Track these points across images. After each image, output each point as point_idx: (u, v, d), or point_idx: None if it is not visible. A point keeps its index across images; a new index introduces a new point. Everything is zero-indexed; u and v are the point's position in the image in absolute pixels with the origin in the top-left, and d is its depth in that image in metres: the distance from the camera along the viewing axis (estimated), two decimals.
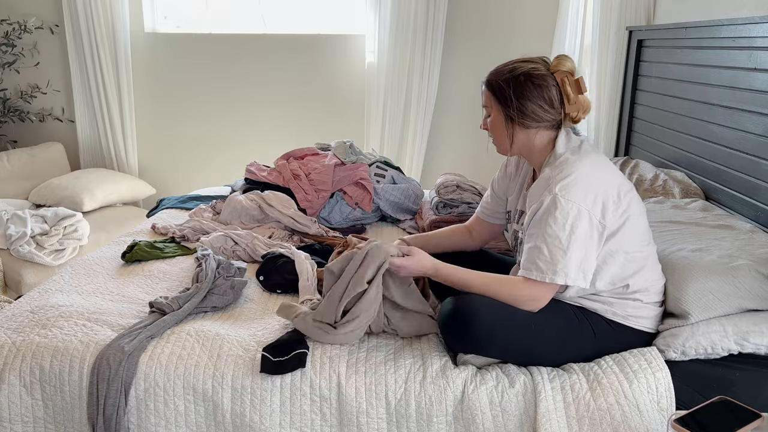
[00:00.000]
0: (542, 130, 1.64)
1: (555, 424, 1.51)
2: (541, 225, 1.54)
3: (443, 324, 1.60)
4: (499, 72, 1.65)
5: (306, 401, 1.55)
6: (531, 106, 1.61)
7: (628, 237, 1.58)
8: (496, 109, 1.66)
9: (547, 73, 1.61)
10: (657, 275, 1.66)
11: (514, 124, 1.64)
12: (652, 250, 1.66)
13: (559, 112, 1.62)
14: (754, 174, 2.09)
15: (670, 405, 1.52)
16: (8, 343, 1.65)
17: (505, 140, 1.67)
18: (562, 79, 1.60)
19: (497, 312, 1.56)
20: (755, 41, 2.08)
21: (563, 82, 1.60)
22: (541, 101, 1.60)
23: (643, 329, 1.64)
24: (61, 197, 3.60)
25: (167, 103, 4.17)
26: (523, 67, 1.62)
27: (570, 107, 1.61)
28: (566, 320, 1.61)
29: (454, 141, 4.13)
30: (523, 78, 1.60)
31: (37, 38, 4.05)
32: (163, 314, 1.76)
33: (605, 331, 1.62)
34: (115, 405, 1.55)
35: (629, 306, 1.62)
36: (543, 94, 1.60)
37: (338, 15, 4.06)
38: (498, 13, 3.91)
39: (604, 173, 1.57)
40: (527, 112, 1.61)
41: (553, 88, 1.60)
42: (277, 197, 2.61)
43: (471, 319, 1.54)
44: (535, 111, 1.61)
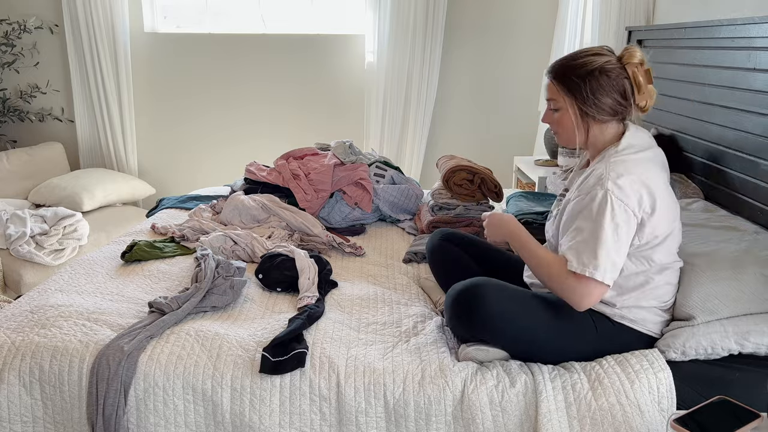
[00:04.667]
0: (613, 122, 1.64)
1: (556, 423, 1.50)
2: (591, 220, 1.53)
3: (450, 307, 1.62)
4: (570, 67, 1.62)
5: (305, 401, 1.55)
6: (607, 101, 1.60)
7: (660, 248, 1.59)
8: (568, 104, 1.63)
9: (620, 65, 1.60)
10: (674, 287, 1.67)
11: (589, 118, 1.63)
12: (675, 267, 1.66)
13: (630, 104, 1.62)
14: (754, 174, 2.09)
15: (671, 405, 1.52)
16: (8, 343, 1.65)
17: (578, 135, 1.65)
18: (633, 70, 1.60)
19: (503, 296, 1.58)
20: (754, 41, 2.08)
21: (635, 74, 1.60)
22: (617, 95, 1.60)
23: (649, 333, 1.65)
24: (60, 197, 3.60)
25: (167, 102, 4.17)
26: (596, 61, 1.60)
27: (640, 97, 1.61)
28: (570, 312, 1.62)
29: (454, 141, 4.13)
30: (598, 73, 1.59)
31: (36, 38, 4.05)
32: (163, 314, 1.76)
33: (608, 330, 1.62)
34: (114, 405, 1.55)
35: (640, 311, 1.63)
36: (617, 87, 1.60)
37: (338, 15, 4.06)
38: (497, 13, 3.91)
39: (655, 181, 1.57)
40: (603, 106, 1.60)
41: (625, 80, 1.60)
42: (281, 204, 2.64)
43: (477, 302, 1.56)
44: (610, 105, 1.61)
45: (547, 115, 1.70)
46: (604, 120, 1.63)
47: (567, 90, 1.62)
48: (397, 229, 2.72)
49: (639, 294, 1.62)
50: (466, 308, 1.59)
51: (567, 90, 1.62)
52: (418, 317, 1.83)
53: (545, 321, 1.59)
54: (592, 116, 1.62)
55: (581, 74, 1.60)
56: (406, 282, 2.11)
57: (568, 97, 1.63)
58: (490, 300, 1.56)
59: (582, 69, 1.60)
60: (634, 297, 1.62)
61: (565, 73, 1.62)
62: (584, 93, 1.60)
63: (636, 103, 1.62)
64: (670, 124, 2.73)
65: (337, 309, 1.89)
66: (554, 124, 1.69)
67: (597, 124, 1.64)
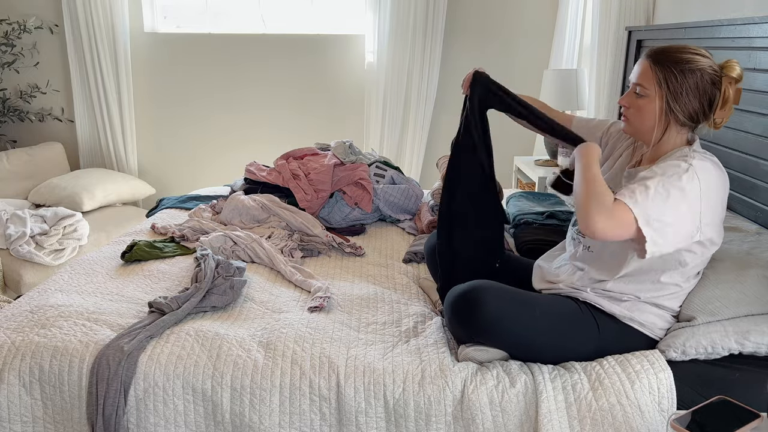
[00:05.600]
0: (685, 129, 1.60)
1: (556, 424, 1.50)
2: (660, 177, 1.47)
3: (449, 310, 1.62)
4: (675, 59, 1.54)
5: (305, 401, 1.55)
6: (695, 104, 1.55)
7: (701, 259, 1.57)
8: (657, 95, 1.56)
9: (718, 75, 1.55)
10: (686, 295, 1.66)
11: (672, 115, 1.56)
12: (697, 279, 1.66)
13: (710, 116, 1.57)
14: (754, 174, 2.09)
15: (671, 406, 1.52)
16: (8, 343, 1.65)
17: (658, 129, 1.58)
18: (727, 84, 1.55)
19: (503, 299, 1.58)
20: (754, 41, 2.08)
21: (727, 88, 1.55)
22: (706, 102, 1.55)
23: (653, 336, 1.64)
24: (60, 197, 3.60)
25: (167, 102, 4.17)
26: (702, 62, 1.53)
27: (720, 113, 1.57)
28: (571, 311, 1.62)
29: None
30: (700, 74, 1.53)
31: (36, 38, 4.05)
32: (163, 314, 1.76)
33: (611, 331, 1.62)
34: (114, 405, 1.55)
35: (651, 314, 1.62)
36: (708, 95, 1.55)
37: (338, 15, 4.06)
38: (497, 14, 3.91)
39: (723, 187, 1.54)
40: (689, 108, 1.55)
41: (717, 91, 1.55)
42: (281, 204, 2.63)
43: (476, 305, 1.56)
44: (696, 110, 1.55)
45: (628, 97, 1.61)
46: (683, 122, 1.57)
47: (664, 79, 1.55)
48: (397, 229, 2.72)
49: (664, 292, 1.60)
50: (465, 311, 1.58)
51: (664, 79, 1.55)
52: (418, 317, 1.83)
53: (546, 324, 1.59)
54: (675, 114, 1.56)
55: (683, 69, 1.54)
56: (406, 282, 2.11)
57: (662, 87, 1.56)
58: (490, 303, 1.56)
59: (686, 65, 1.53)
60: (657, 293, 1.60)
61: (668, 62, 1.54)
62: (679, 89, 1.54)
63: (713, 118, 1.57)
64: None
65: (337, 309, 1.89)
66: (632, 108, 1.60)
67: (676, 125, 1.58)
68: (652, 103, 1.57)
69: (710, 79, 1.54)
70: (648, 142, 1.63)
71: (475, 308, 1.56)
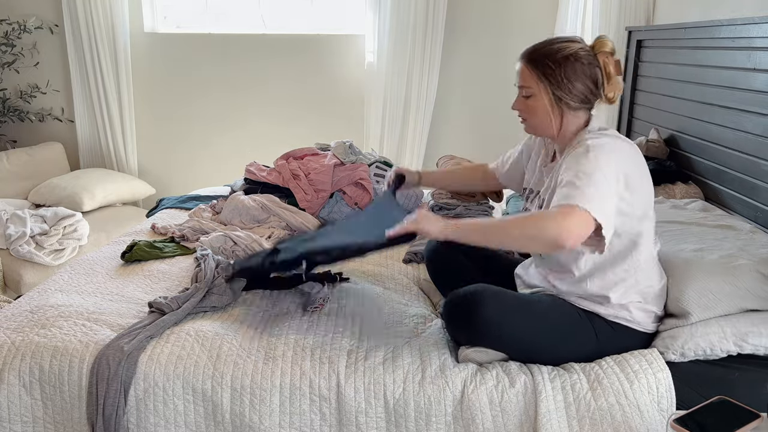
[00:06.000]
0: (581, 112, 1.64)
1: (555, 424, 1.51)
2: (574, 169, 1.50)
3: (447, 314, 1.62)
4: (545, 52, 1.61)
5: (305, 401, 1.55)
6: (580, 87, 1.60)
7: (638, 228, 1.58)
8: (542, 90, 1.62)
9: (592, 53, 1.61)
10: (658, 275, 1.66)
11: (562, 104, 1.62)
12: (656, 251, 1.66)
13: (600, 93, 1.63)
14: (754, 174, 2.09)
15: (671, 405, 1.52)
16: (8, 343, 1.65)
17: (551, 122, 1.63)
18: (604, 60, 1.60)
19: (501, 304, 1.58)
20: (754, 41, 2.08)
21: (606, 63, 1.60)
22: (590, 82, 1.60)
23: (644, 330, 1.64)
24: (60, 197, 3.60)
25: (167, 103, 4.17)
26: (571, 46, 1.59)
27: (609, 87, 1.61)
28: (569, 316, 1.62)
29: (454, 141, 4.13)
30: (573, 58, 1.58)
31: (36, 38, 4.05)
32: (163, 314, 1.76)
33: (607, 331, 1.62)
34: (114, 405, 1.55)
35: (630, 311, 1.62)
36: (590, 75, 1.60)
37: (338, 15, 4.06)
38: (497, 14, 3.91)
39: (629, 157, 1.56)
40: (576, 92, 1.60)
41: (597, 69, 1.60)
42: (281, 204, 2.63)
43: (475, 310, 1.56)
44: (582, 91, 1.60)
45: (518, 102, 1.68)
46: (576, 107, 1.62)
47: (542, 75, 1.61)
48: None
49: (625, 287, 1.60)
50: (463, 316, 1.58)
51: (542, 75, 1.61)
52: (418, 318, 1.83)
53: (544, 327, 1.59)
54: (566, 102, 1.61)
55: (556, 59, 1.59)
56: (407, 283, 2.11)
57: (543, 82, 1.61)
58: (488, 308, 1.56)
59: (557, 54, 1.59)
60: (622, 291, 1.60)
61: (540, 58, 1.61)
62: (559, 78, 1.59)
63: (605, 93, 1.62)
64: (670, 124, 2.73)
65: (337, 309, 1.89)
66: (526, 111, 1.67)
67: (570, 111, 1.63)
68: (540, 99, 1.63)
69: (585, 59, 1.59)
70: (551, 136, 1.68)
71: (473, 313, 1.56)
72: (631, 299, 1.62)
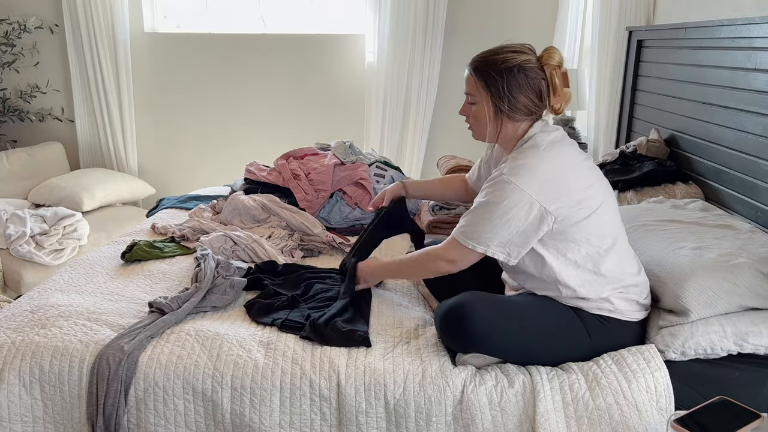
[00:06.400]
0: (526, 122, 1.66)
1: (554, 423, 1.51)
2: (482, 200, 1.58)
3: (439, 324, 1.63)
4: (489, 62, 1.62)
5: (306, 401, 1.55)
6: (523, 99, 1.61)
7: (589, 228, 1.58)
8: (485, 99, 1.64)
9: (538, 65, 1.61)
10: (629, 263, 1.65)
11: (503, 115, 1.64)
12: (619, 240, 1.64)
13: (545, 105, 1.64)
14: (754, 174, 2.09)
15: (669, 404, 1.52)
16: (8, 343, 1.65)
17: (491, 130, 1.67)
18: (551, 72, 1.61)
19: (490, 310, 1.58)
20: (755, 41, 2.08)
21: (552, 75, 1.61)
22: (532, 94, 1.61)
23: (632, 320, 1.64)
24: (60, 197, 3.60)
25: (167, 102, 4.17)
26: (516, 58, 1.60)
27: (555, 99, 1.63)
28: (558, 314, 1.62)
29: (454, 141, 4.13)
30: (517, 70, 1.59)
31: (36, 38, 4.05)
32: (163, 314, 1.76)
33: (597, 327, 1.62)
34: (114, 405, 1.55)
35: (611, 298, 1.62)
36: (534, 87, 1.61)
37: (338, 15, 4.06)
38: (498, 14, 3.91)
39: (564, 165, 1.57)
40: (518, 104, 1.61)
41: (542, 81, 1.61)
42: (281, 204, 2.63)
43: (465, 318, 1.56)
44: (525, 104, 1.62)
45: (464, 108, 1.71)
46: (518, 119, 1.64)
47: (485, 84, 1.62)
48: None
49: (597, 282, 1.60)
50: (454, 327, 1.59)
51: (485, 84, 1.62)
52: (419, 321, 1.83)
53: (535, 329, 1.59)
54: (506, 113, 1.63)
55: (500, 70, 1.60)
56: (407, 285, 2.11)
57: (485, 91, 1.63)
58: (477, 318, 1.56)
59: (501, 65, 1.60)
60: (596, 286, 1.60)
61: (485, 67, 1.62)
62: (500, 89, 1.60)
63: (551, 105, 1.64)
64: (670, 124, 2.73)
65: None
66: (471, 117, 1.69)
67: (510, 121, 1.65)
68: (483, 108, 1.65)
69: (531, 72, 1.60)
70: (492, 142, 1.72)
71: (462, 324, 1.57)
72: (609, 292, 1.61)
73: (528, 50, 1.63)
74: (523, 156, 1.58)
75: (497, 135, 1.67)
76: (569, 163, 1.59)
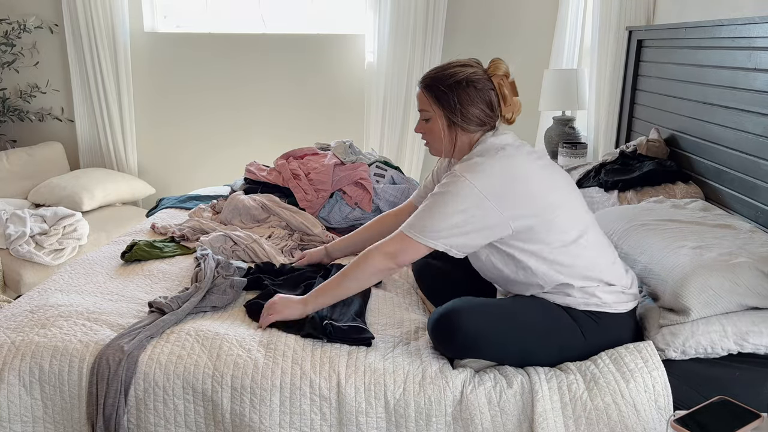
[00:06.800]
0: (479, 133, 1.69)
1: (552, 423, 1.51)
2: (433, 194, 1.60)
3: (431, 334, 1.63)
4: (439, 77, 1.66)
5: (306, 401, 1.55)
6: (474, 111, 1.65)
7: (551, 225, 1.59)
8: (438, 114, 1.68)
9: (486, 77, 1.66)
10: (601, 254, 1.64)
11: (457, 128, 1.67)
12: (589, 231, 1.64)
13: (497, 115, 1.68)
14: (754, 174, 2.09)
15: (668, 404, 1.52)
16: (7, 343, 1.65)
17: (447, 144, 1.70)
18: (498, 82, 1.66)
19: (479, 316, 1.58)
20: (755, 41, 2.08)
21: (500, 86, 1.66)
22: (483, 105, 1.65)
23: (620, 312, 1.64)
24: (60, 197, 3.60)
25: (167, 102, 4.17)
26: (463, 71, 1.65)
27: (506, 109, 1.67)
28: (549, 314, 1.62)
29: None
30: (465, 83, 1.63)
31: (36, 38, 4.05)
32: (163, 314, 1.76)
33: (589, 324, 1.62)
34: (114, 405, 1.55)
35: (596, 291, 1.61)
36: (484, 98, 1.65)
37: (338, 15, 4.06)
38: (498, 14, 3.91)
39: (516, 170, 1.58)
40: (470, 116, 1.65)
41: (491, 91, 1.65)
42: (281, 204, 2.63)
43: (453, 326, 1.56)
44: (478, 115, 1.66)
45: (419, 125, 1.74)
46: (471, 130, 1.68)
47: (436, 100, 1.67)
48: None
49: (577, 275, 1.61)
50: (446, 335, 1.59)
51: (436, 100, 1.67)
52: (419, 321, 1.83)
53: (528, 332, 1.59)
54: (460, 126, 1.66)
55: (449, 84, 1.64)
56: (407, 288, 2.11)
57: (437, 106, 1.67)
58: (468, 325, 1.56)
59: (450, 79, 1.64)
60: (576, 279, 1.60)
61: (434, 83, 1.67)
62: (452, 103, 1.64)
63: (502, 115, 1.67)
64: (670, 124, 2.73)
65: None
66: (426, 134, 1.73)
67: (464, 133, 1.68)
68: (436, 123, 1.69)
69: (479, 84, 1.64)
70: (449, 156, 1.74)
71: (453, 332, 1.57)
72: (589, 283, 1.61)
73: (474, 63, 1.68)
74: (475, 156, 1.62)
75: (453, 148, 1.71)
76: (522, 164, 1.60)
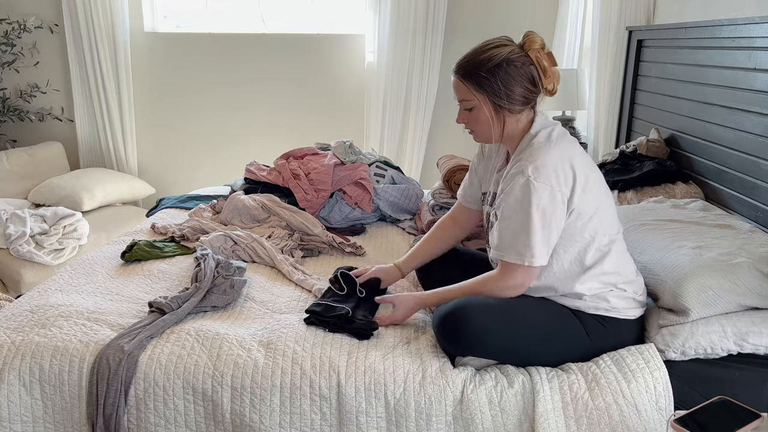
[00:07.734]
0: (525, 111, 1.66)
1: (553, 423, 1.51)
2: (518, 209, 1.56)
3: (436, 328, 1.63)
4: (476, 63, 1.62)
5: (306, 401, 1.55)
6: (518, 90, 1.61)
7: (595, 221, 1.60)
8: (482, 101, 1.63)
9: (523, 53, 1.62)
10: (626, 261, 1.66)
11: (504, 111, 1.64)
12: (619, 237, 1.66)
13: (539, 89, 1.65)
14: (754, 174, 2.09)
15: (669, 404, 1.52)
16: (8, 343, 1.65)
17: (496, 129, 1.66)
18: (536, 56, 1.62)
19: (487, 313, 1.58)
20: (755, 41, 2.08)
21: (538, 59, 1.62)
22: (526, 82, 1.62)
23: (629, 318, 1.64)
24: (60, 197, 3.60)
25: (167, 102, 4.17)
26: (500, 52, 1.61)
27: (547, 81, 1.64)
28: (555, 316, 1.62)
29: (454, 141, 4.13)
30: (506, 64, 1.60)
31: (36, 38, 4.05)
32: (163, 314, 1.76)
33: (596, 327, 1.62)
34: (114, 405, 1.55)
35: (608, 296, 1.62)
36: (526, 75, 1.62)
37: (338, 15, 4.06)
38: (498, 14, 3.91)
39: (575, 158, 1.59)
40: (516, 97, 1.62)
41: (531, 66, 1.62)
42: (281, 204, 2.63)
43: (461, 322, 1.56)
44: (522, 94, 1.62)
45: (461, 115, 1.70)
46: (517, 110, 1.64)
47: (478, 86, 1.62)
48: (398, 229, 2.72)
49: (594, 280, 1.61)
50: (451, 332, 1.59)
51: (478, 86, 1.62)
52: (419, 321, 1.83)
53: (533, 332, 1.59)
54: (507, 108, 1.63)
55: (489, 69, 1.60)
56: (407, 287, 2.10)
57: (480, 93, 1.63)
58: (475, 323, 1.56)
59: (489, 63, 1.60)
60: (591, 283, 1.61)
61: (473, 70, 1.62)
62: (495, 87, 1.61)
63: (544, 87, 1.64)
64: (670, 124, 2.73)
65: None
66: (470, 123, 1.69)
67: (511, 115, 1.65)
68: (481, 110, 1.65)
69: (518, 61, 1.60)
70: (498, 141, 1.71)
71: (459, 330, 1.57)
72: (603, 288, 1.62)
73: (507, 41, 1.64)
74: (538, 154, 1.58)
75: (502, 133, 1.67)
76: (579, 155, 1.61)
